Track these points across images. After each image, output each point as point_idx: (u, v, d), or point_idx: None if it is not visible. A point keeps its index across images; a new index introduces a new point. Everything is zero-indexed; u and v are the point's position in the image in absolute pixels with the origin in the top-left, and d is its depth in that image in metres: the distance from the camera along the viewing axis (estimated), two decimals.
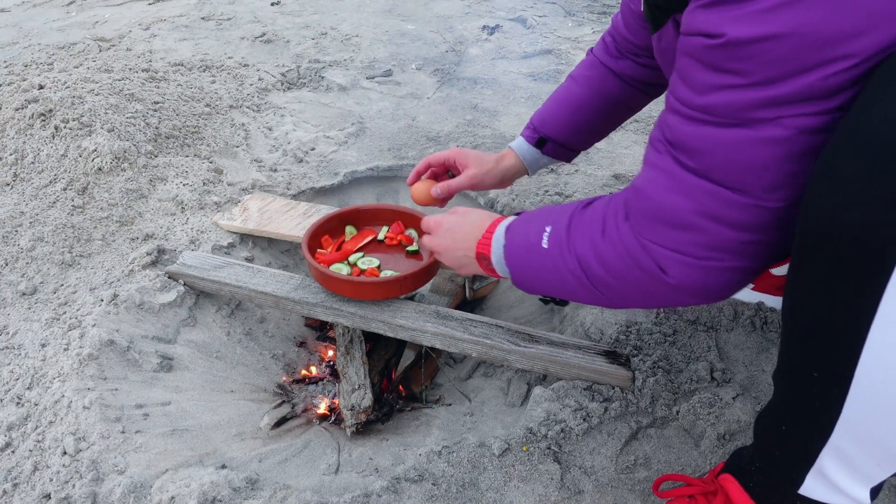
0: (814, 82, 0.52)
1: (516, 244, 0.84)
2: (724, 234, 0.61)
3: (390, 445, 1.09)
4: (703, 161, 0.60)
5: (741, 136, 0.56)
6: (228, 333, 1.30)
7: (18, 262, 1.34)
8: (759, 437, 0.73)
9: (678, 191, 0.62)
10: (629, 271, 0.69)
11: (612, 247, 0.70)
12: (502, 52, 2.58)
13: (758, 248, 0.62)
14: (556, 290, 0.81)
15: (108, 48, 2.44)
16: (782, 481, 0.69)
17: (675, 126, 0.62)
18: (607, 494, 0.91)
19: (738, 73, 0.55)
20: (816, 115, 0.53)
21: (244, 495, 0.92)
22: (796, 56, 0.51)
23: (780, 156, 0.56)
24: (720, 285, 0.65)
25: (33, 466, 0.96)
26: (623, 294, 0.72)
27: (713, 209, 0.60)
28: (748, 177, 0.58)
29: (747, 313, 1.15)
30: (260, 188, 1.63)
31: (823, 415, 0.60)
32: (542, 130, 1.16)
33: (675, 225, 0.63)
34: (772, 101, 0.54)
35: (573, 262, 0.74)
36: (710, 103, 0.57)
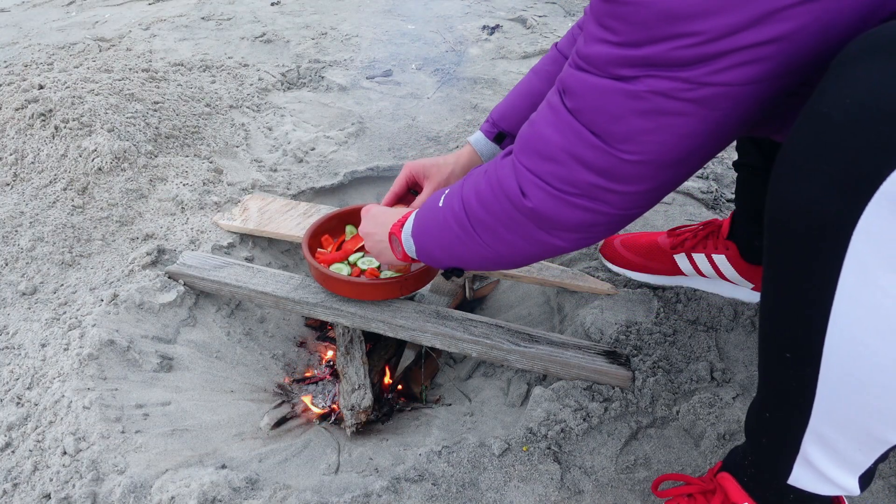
0: (667, 51, 0.57)
1: (420, 215, 0.89)
2: (579, 173, 0.67)
3: (390, 445, 1.09)
4: (575, 101, 0.65)
5: (606, 85, 0.62)
6: (228, 333, 1.30)
7: (18, 262, 1.34)
8: (749, 430, 0.74)
9: (555, 126, 0.68)
10: (496, 199, 0.74)
11: (488, 180, 0.76)
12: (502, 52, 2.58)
13: (607, 195, 0.67)
14: (447, 248, 0.84)
15: (108, 48, 2.44)
16: (772, 472, 0.70)
17: (567, 70, 0.68)
18: (607, 494, 0.91)
19: (612, 30, 0.60)
20: (668, 80, 0.58)
21: (244, 495, 0.92)
22: (653, 25, 0.56)
23: (633, 109, 0.61)
24: (572, 219, 0.70)
25: (33, 466, 0.96)
26: (496, 232, 0.77)
27: (576, 148, 0.66)
28: (605, 123, 0.63)
29: (747, 313, 1.15)
30: (260, 188, 1.63)
31: (800, 398, 0.61)
32: (501, 125, 1.15)
33: (544, 156, 0.69)
34: (632, 61, 0.59)
35: (458, 205, 0.80)
36: (589, 53, 0.63)
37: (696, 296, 1.20)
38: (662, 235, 1.25)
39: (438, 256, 0.88)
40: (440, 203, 0.84)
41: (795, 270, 0.56)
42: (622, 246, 1.27)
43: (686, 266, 1.20)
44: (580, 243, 0.75)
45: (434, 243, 0.87)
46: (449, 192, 0.84)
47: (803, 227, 0.53)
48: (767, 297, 0.62)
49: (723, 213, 1.52)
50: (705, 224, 1.20)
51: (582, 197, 0.68)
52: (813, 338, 0.56)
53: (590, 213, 0.69)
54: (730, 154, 1.74)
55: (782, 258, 0.57)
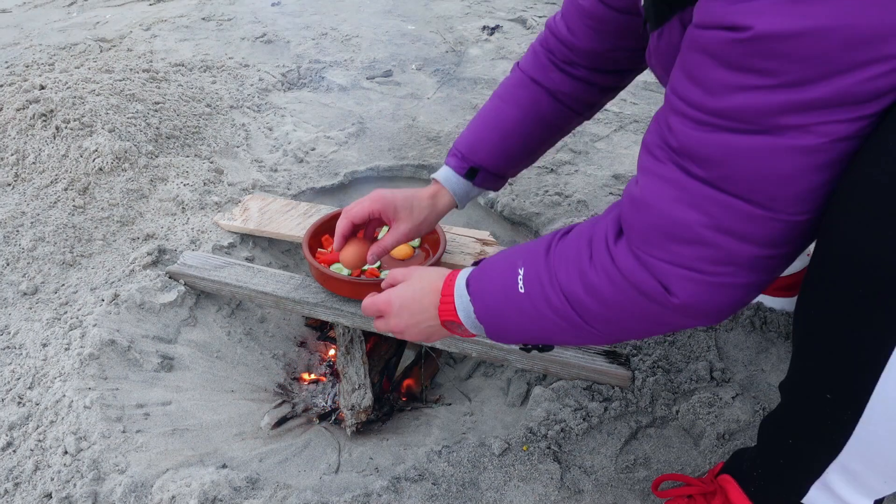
0: (851, 85, 0.46)
1: (486, 296, 0.74)
2: (738, 249, 0.55)
3: (390, 445, 1.09)
4: (716, 171, 0.53)
5: (763, 143, 0.50)
6: (229, 333, 1.31)
7: (20, 262, 1.35)
8: (764, 444, 0.73)
9: (687, 202, 0.56)
10: (626, 297, 0.61)
11: (605, 272, 0.62)
12: (502, 52, 2.58)
13: (772, 262, 0.57)
14: (541, 336, 0.72)
15: (108, 49, 2.45)
16: (785, 489, 0.69)
17: (682, 131, 0.55)
18: (607, 494, 0.91)
19: (765, 73, 0.48)
20: (851, 122, 0.48)
21: (244, 495, 0.92)
22: (833, 55, 0.45)
23: (808, 166, 0.50)
24: (729, 302, 0.59)
25: (34, 466, 0.96)
26: (620, 325, 0.65)
27: (727, 223, 0.54)
28: (769, 189, 0.52)
29: (747, 313, 1.15)
30: (260, 188, 1.64)
31: (834, 434, 0.59)
32: (472, 159, 1.04)
33: (683, 239, 0.57)
34: (802, 106, 0.48)
35: (558, 299, 0.66)
36: (728, 107, 0.51)
37: None
38: None
39: (524, 339, 0.75)
40: (520, 287, 0.69)
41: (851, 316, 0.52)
42: None
43: None
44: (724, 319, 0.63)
45: (518, 330, 0.73)
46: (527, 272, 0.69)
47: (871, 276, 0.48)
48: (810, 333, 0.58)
49: None
50: None
51: (740, 273, 0.57)
52: (862, 384, 0.54)
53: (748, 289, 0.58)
54: None
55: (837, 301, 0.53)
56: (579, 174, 1.70)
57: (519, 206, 1.57)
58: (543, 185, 1.64)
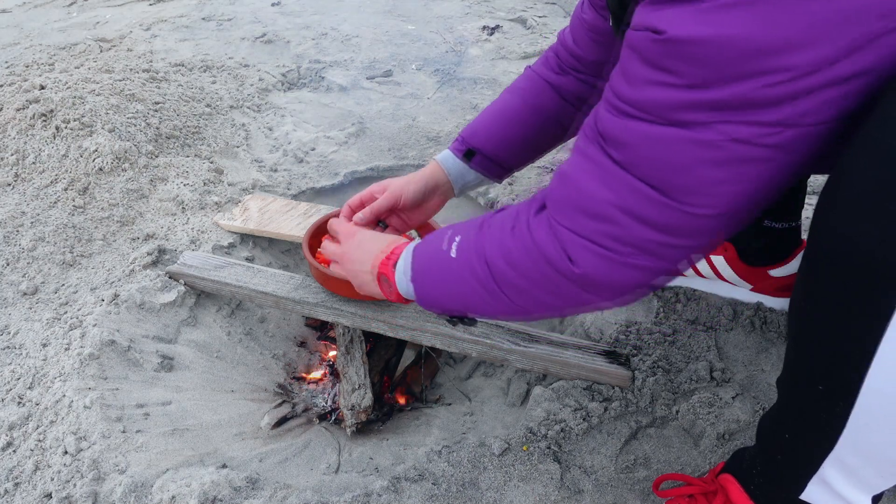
0: (748, 91, 0.50)
1: (423, 258, 0.79)
2: (638, 231, 0.60)
3: (390, 445, 1.09)
4: (626, 153, 0.59)
5: (669, 134, 0.55)
6: (229, 333, 1.31)
7: (20, 261, 1.35)
8: (763, 441, 0.73)
9: (600, 180, 0.61)
10: (535, 265, 0.66)
11: (521, 241, 0.68)
12: (502, 52, 2.59)
13: (668, 251, 0.61)
14: (462, 303, 0.76)
15: (108, 48, 2.45)
16: (784, 486, 0.69)
17: (606, 117, 0.61)
18: (607, 494, 0.91)
19: (673, 72, 0.53)
20: (749, 125, 0.52)
21: (245, 495, 0.92)
22: (733, 62, 0.50)
23: (705, 159, 0.54)
24: (625, 281, 0.63)
25: (34, 466, 0.96)
26: (530, 294, 0.69)
27: (631, 204, 0.59)
28: (668, 175, 0.56)
29: (747, 313, 1.15)
30: (260, 188, 1.64)
31: (828, 427, 0.60)
32: (470, 142, 1.08)
33: (592, 214, 0.62)
34: (703, 105, 0.53)
35: (480, 264, 0.71)
36: (642, 98, 0.56)
37: (695, 296, 1.20)
38: None
39: (447, 306, 0.80)
40: (452, 253, 0.75)
41: (843, 307, 0.53)
42: None
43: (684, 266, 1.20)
44: (626, 302, 0.69)
45: (443, 295, 0.78)
46: (461, 240, 0.75)
47: (858, 267, 0.50)
48: (803, 326, 0.60)
49: None
50: None
51: (639, 255, 0.61)
52: (852, 375, 0.55)
53: (646, 272, 0.63)
54: None
55: (827, 292, 0.54)
56: None
57: None
58: (543, 185, 1.64)
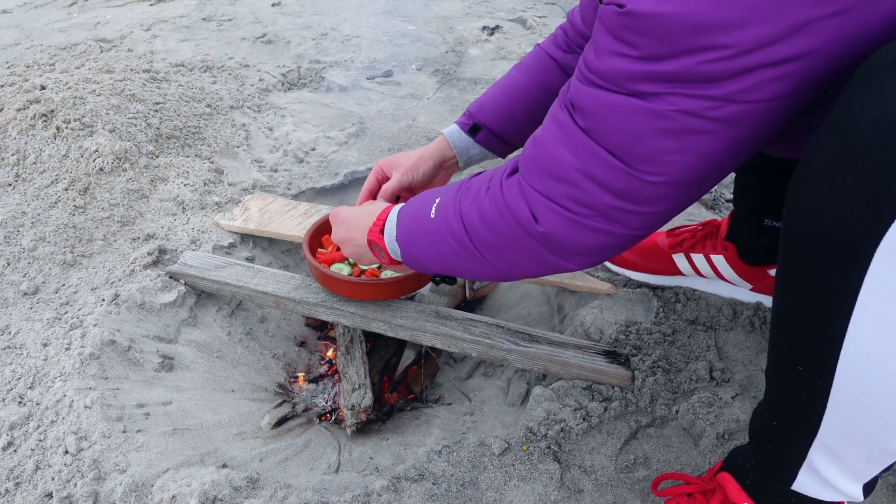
0: (692, 66, 0.54)
1: (406, 220, 0.85)
2: (596, 195, 0.64)
3: (390, 445, 1.09)
4: (589, 120, 0.62)
5: (625, 103, 0.59)
6: (229, 333, 1.31)
7: (20, 262, 1.35)
8: (753, 434, 0.74)
9: (566, 145, 0.65)
10: (505, 223, 0.71)
11: (493, 200, 0.72)
12: (502, 52, 2.59)
13: (626, 216, 0.64)
14: (442, 261, 0.81)
15: (109, 49, 2.45)
16: (776, 477, 0.70)
17: (575, 85, 0.65)
18: (607, 494, 0.91)
19: (630, 44, 0.57)
20: (695, 98, 0.55)
21: (245, 494, 0.92)
22: (680, 37, 0.53)
23: (656, 129, 0.58)
24: (585, 243, 0.68)
25: (35, 465, 0.96)
26: (503, 254, 0.74)
27: (592, 168, 0.63)
28: (625, 143, 0.60)
29: (746, 313, 1.15)
30: (261, 188, 1.64)
31: (810, 410, 0.61)
32: (477, 116, 1.11)
33: (557, 176, 0.66)
34: (654, 76, 0.56)
35: (457, 222, 0.75)
36: (604, 68, 0.60)
37: (695, 296, 1.20)
38: (661, 235, 1.25)
39: (429, 265, 0.84)
40: (431, 213, 0.79)
41: (813, 285, 0.55)
42: None
43: (685, 266, 1.20)
44: (590, 265, 0.73)
45: (425, 254, 0.82)
46: (441, 201, 0.79)
47: (824, 243, 0.52)
48: (780, 308, 0.61)
49: (722, 213, 1.52)
50: (704, 224, 1.21)
51: (598, 219, 0.65)
52: (827, 352, 0.56)
53: (605, 236, 0.67)
54: None
55: (799, 272, 0.56)
56: None
57: None
58: None
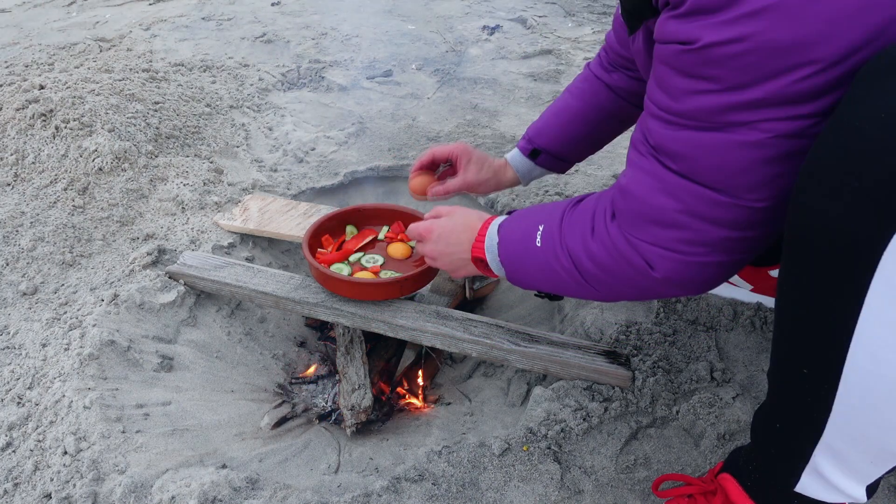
0: (782, 87, 0.54)
1: (510, 243, 0.87)
2: (709, 232, 0.64)
3: (390, 445, 1.09)
4: (684, 164, 0.62)
5: (719, 139, 0.58)
6: (229, 333, 1.31)
7: (19, 262, 1.35)
8: (756, 435, 0.74)
9: (663, 191, 0.65)
10: (618, 267, 0.72)
11: (602, 245, 0.73)
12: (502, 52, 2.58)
13: (740, 244, 0.65)
14: (550, 286, 0.83)
15: (108, 48, 2.45)
16: (779, 479, 0.70)
17: (656, 131, 0.64)
18: (607, 494, 0.91)
19: (711, 79, 0.57)
20: (789, 120, 0.55)
21: (244, 495, 0.92)
22: (763, 62, 0.54)
23: (756, 158, 0.58)
24: (704, 278, 0.68)
25: (34, 466, 0.96)
26: (614, 288, 0.76)
27: (697, 208, 0.63)
28: (728, 178, 0.60)
29: (747, 313, 1.15)
30: (260, 188, 1.64)
31: (815, 412, 0.60)
32: (536, 142, 1.17)
33: (661, 223, 0.66)
34: (743, 105, 0.56)
35: (566, 258, 0.77)
36: (687, 108, 0.60)
37: (695, 296, 1.20)
38: None
39: (536, 286, 0.87)
40: (537, 241, 0.81)
41: (818, 287, 0.54)
42: None
43: None
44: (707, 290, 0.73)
45: (532, 277, 0.85)
46: (545, 230, 0.80)
47: (830, 245, 0.51)
48: (784, 310, 0.61)
49: None
50: None
51: (713, 253, 0.65)
52: (833, 355, 0.55)
53: (723, 267, 0.67)
54: None
55: (804, 274, 0.56)
56: (579, 174, 1.70)
57: (519, 206, 1.56)
58: (544, 184, 1.64)
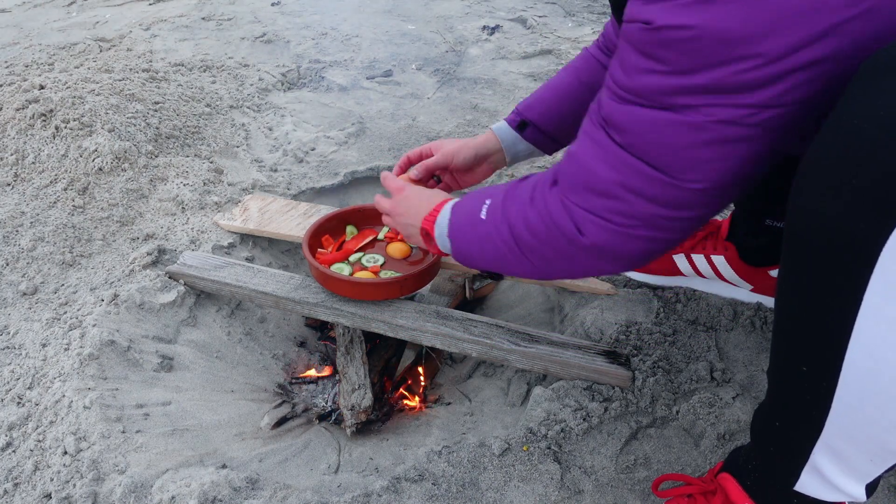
0: (725, 76, 0.55)
1: (459, 217, 0.89)
2: (641, 206, 0.66)
3: (390, 445, 1.09)
4: (627, 137, 0.64)
5: (661, 117, 0.60)
6: (229, 333, 1.30)
7: (19, 262, 1.35)
8: (755, 435, 0.74)
9: (604, 161, 0.67)
10: (551, 234, 0.74)
11: (538, 212, 0.75)
12: (502, 52, 2.58)
13: (669, 223, 0.66)
14: (490, 259, 0.85)
15: (108, 48, 2.44)
16: (778, 478, 0.70)
17: (607, 103, 0.66)
18: (607, 494, 0.91)
19: (661, 60, 0.58)
20: (730, 108, 0.57)
21: (244, 495, 0.92)
22: (710, 50, 0.55)
23: (694, 140, 0.60)
24: (631, 251, 0.70)
25: (34, 466, 0.96)
26: (546, 258, 0.77)
27: (632, 182, 0.65)
28: (666, 156, 0.62)
29: (747, 313, 1.15)
30: (260, 188, 1.64)
31: (814, 410, 0.61)
32: (525, 114, 1.15)
33: (598, 192, 0.68)
34: (688, 90, 0.58)
35: (506, 228, 0.79)
36: (636, 85, 0.61)
37: (695, 296, 1.20)
38: None
39: (479, 263, 0.88)
40: (482, 214, 0.83)
41: (817, 285, 0.55)
42: None
43: (685, 266, 1.20)
44: (635, 268, 0.75)
45: (475, 253, 0.86)
46: (491, 204, 0.83)
47: (829, 243, 0.52)
48: (783, 309, 0.61)
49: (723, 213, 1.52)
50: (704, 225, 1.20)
51: (643, 227, 0.67)
52: (832, 353, 0.55)
53: (651, 242, 0.69)
54: None
55: (803, 272, 0.56)
56: None
57: None
58: None
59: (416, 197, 1.00)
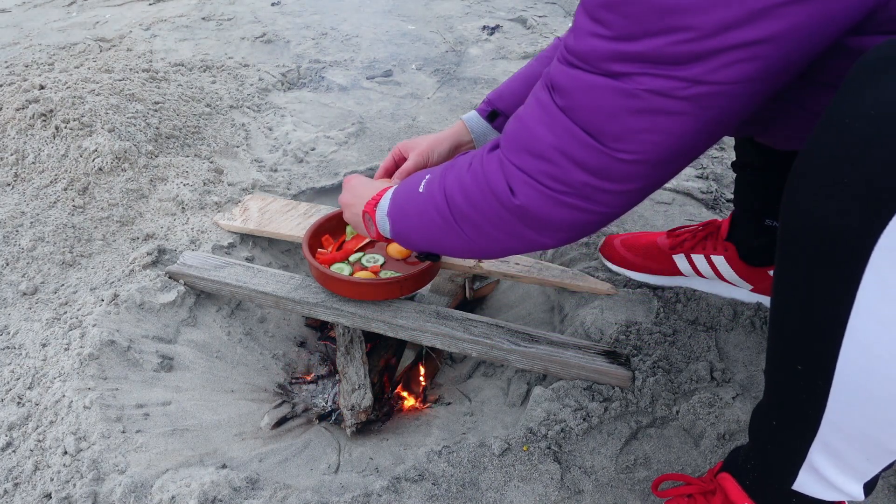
0: (659, 46, 0.56)
1: (398, 195, 0.88)
2: (572, 172, 0.66)
3: (390, 445, 1.09)
4: (566, 100, 0.64)
5: (597, 81, 0.61)
6: (229, 333, 1.31)
7: (19, 262, 1.35)
8: (753, 434, 0.74)
9: (544, 122, 0.67)
10: (483, 196, 0.73)
11: (473, 174, 0.75)
12: (502, 52, 2.58)
13: (599, 194, 0.66)
14: (426, 235, 0.84)
15: (108, 48, 2.44)
16: (776, 477, 0.70)
17: (555, 66, 0.67)
18: (607, 494, 0.91)
19: (605, 24, 0.59)
20: (661, 78, 0.57)
21: (244, 495, 0.92)
22: (647, 16, 0.55)
23: (627, 108, 0.60)
24: (562, 218, 0.69)
25: (34, 466, 0.96)
26: (481, 228, 0.76)
27: (568, 146, 0.65)
28: (599, 122, 0.62)
29: (747, 313, 1.15)
30: (260, 188, 1.64)
31: (810, 409, 0.61)
32: (495, 104, 1.14)
33: (534, 153, 0.68)
34: (625, 56, 0.58)
35: (440, 196, 0.78)
36: (581, 49, 0.62)
37: (695, 296, 1.20)
38: (662, 236, 1.25)
39: (415, 240, 0.87)
40: (420, 188, 0.82)
41: (811, 283, 0.55)
42: (622, 246, 1.27)
43: (685, 267, 1.20)
44: (566, 241, 0.74)
45: (411, 228, 0.85)
46: (430, 177, 0.82)
47: (821, 241, 0.52)
48: (778, 307, 0.61)
49: (722, 213, 1.52)
50: (704, 225, 1.20)
51: (573, 196, 0.67)
52: (827, 351, 0.56)
53: (580, 213, 0.68)
54: (729, 154, 1.74)
55: (797, 269, 0.56)
56: None
57: None
58: None
59: (361, 186, 1.01)
